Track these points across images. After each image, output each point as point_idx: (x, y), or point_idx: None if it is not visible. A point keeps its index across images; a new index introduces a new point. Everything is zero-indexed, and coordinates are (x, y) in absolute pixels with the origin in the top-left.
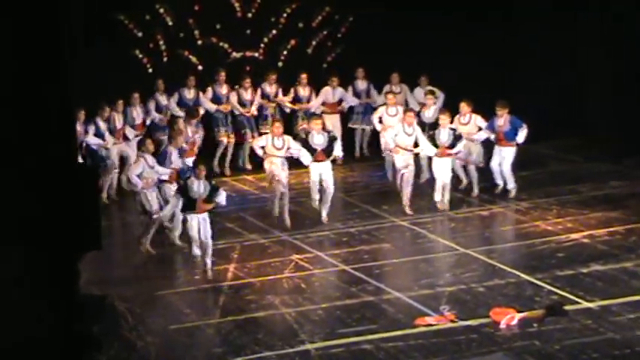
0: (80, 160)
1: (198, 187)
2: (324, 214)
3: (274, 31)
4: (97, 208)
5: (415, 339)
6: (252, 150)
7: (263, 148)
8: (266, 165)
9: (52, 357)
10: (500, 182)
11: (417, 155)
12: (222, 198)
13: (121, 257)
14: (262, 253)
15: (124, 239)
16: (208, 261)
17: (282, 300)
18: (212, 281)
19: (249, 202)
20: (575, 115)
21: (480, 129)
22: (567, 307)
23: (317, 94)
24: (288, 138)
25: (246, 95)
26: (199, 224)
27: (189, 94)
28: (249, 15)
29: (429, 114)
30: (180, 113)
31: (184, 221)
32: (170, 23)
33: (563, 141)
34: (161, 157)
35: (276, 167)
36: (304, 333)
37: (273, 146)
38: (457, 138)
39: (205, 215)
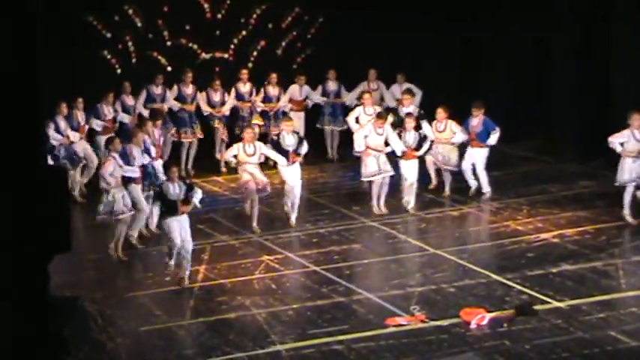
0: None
1: (174, 189)
2: (292, 217)
3: (244, 32)
4: (67, 209)
5: (386, 339)
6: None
7: (235, 156)
8: (241, 173)
9: (21, 359)
10: (472, 183)
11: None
12: (198, 197)
13: (90, 259)
14: (233, 255)
15: (94, 240)
16: (188, 267)
17: (253, 301)
18: (179, 278)
19: (220, 204)
20: (545, 117)
21: (455, 134)
22: (537, 307)
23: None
24: (259, 144)
25: (216, 97)
26: (180, 227)
27: (157, 90)
28: (219, 16)
29: (407, 111)
30: (146, 112)
31: (160, 227)
32: (139, 24)
33: (533, 142)
34: (123, 157)
35: (252, 175)
36: (275, 334)
37: (245, 153)
38: (423, 139)
39: (185, 217)
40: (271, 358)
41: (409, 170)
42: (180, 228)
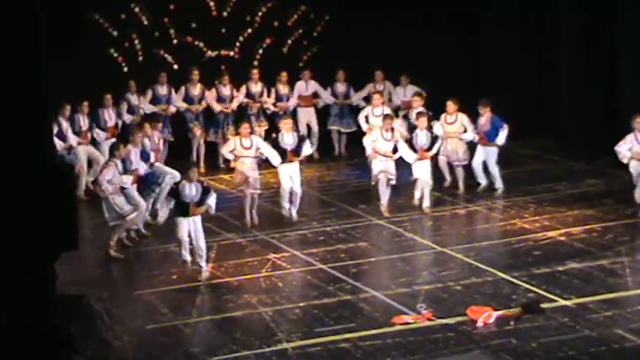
0: None
1: (190, 190)
2: (293, 213)
3: (249, 30)
4: (74, 208)
5: (392, 337)
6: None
7: (232, 151)
8: (238, 166)
9: (29, 357)
10: (482, 181)
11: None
12: (212, 201)
13: (97, 257)
14: (239, 253)
15: (100, 239)
16: (203, 263)
17: (260, 299)
18: (189, 281)
19: (227, 202)
20: (552, 115)
21: (466, 129)
22: (544, 305)
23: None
24: (256, 138)
25: (226, 91)
26: (189, 227)
27: (163, 90)
28: (225, 14)
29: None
30: (154, 108)
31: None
32: (145, 22)
33: (541, 140)
34: (123, 162)
35: (247, 168)
36: (282, 332)
37: (241, 147)
38: (434, 139)
39: (197, 217)
40: (278, 356)
41: (421, 171)
42: (189, 228)
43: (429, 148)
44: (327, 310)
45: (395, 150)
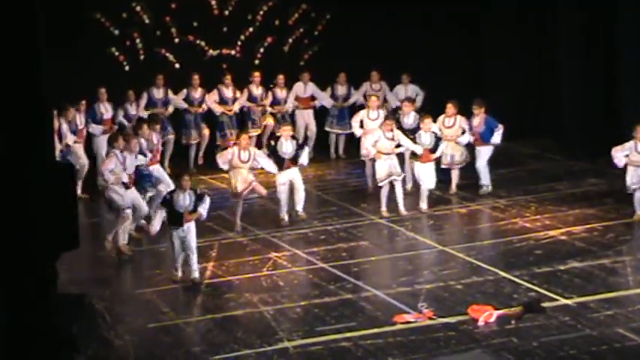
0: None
1: (184, 199)
2: (299, 209)
3: (251, 29)
4: (75, 207)
5: (393, 336)
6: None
7: (229, 161)
8: (231, 174)
9: (30, 357)
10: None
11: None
12: (204, 207)
13: (98, 256)
14: (240, 252)
15: (101, 238)
16: (194, 266)
17: (261, 298)
18: (190, 280)
19: (228, 201)
20: (553, 115)
21: (464, 131)
22: (545, 304)
23: None
24: (254, 150)
25: (228, 93)
26: (183, 235)
27: (158, 93)
28: (226, 12)
29: (408, 120)
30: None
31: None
32: (147, 21)
33: (542, 139)
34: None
35: (240, 176)
36: (283, 331)
37: (239, 159)
38: (439, 140)
39: (191, 224)
40: (279, 355)
41: (426, 174)
42: (182, 242)
43: (433, 150)
44: (329, 308)
45: (398, 146)
